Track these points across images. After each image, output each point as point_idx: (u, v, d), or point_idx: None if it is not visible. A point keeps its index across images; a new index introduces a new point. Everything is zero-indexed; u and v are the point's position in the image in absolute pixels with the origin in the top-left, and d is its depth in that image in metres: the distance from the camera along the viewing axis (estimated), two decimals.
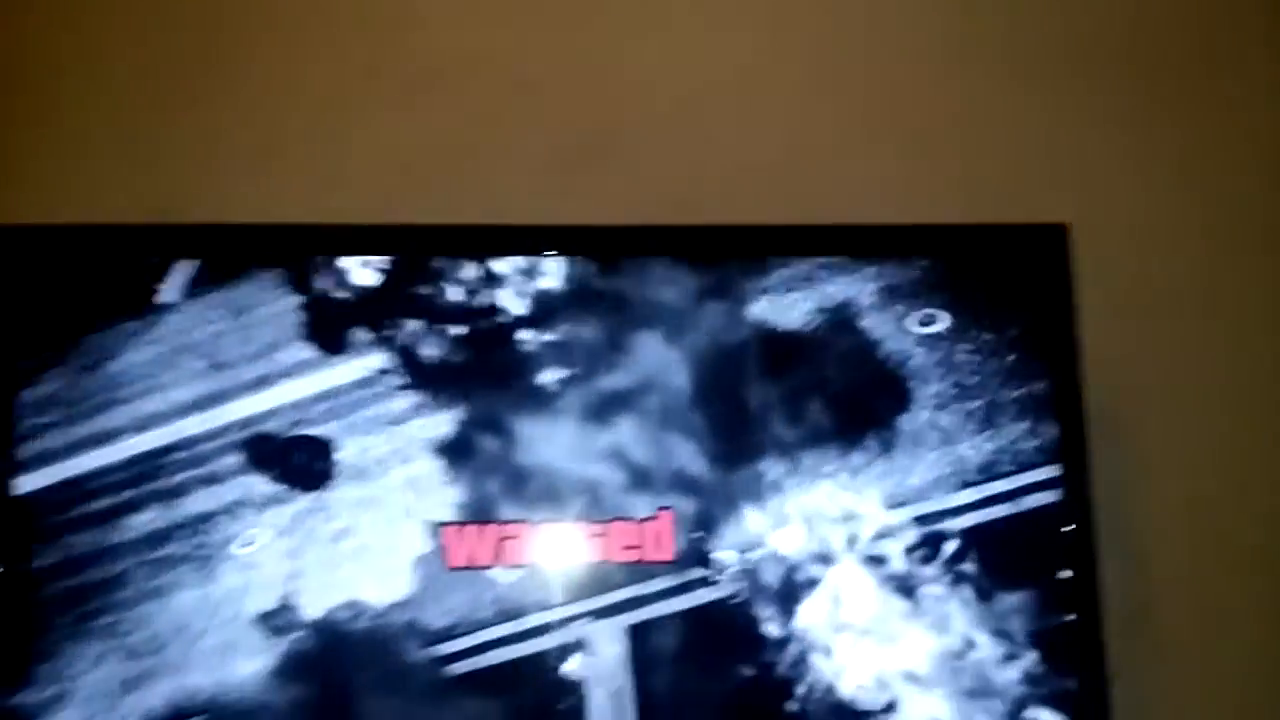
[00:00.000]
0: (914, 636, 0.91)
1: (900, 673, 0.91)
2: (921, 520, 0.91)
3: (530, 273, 0.92)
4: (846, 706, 0.90)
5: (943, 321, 0.93)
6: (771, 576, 0.90)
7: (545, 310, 0.91)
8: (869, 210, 0.99)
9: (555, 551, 0.90)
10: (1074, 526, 0.93)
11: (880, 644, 0.91)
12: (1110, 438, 1.02)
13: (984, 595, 0.91)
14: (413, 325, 0.91)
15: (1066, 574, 0.92)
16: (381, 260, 0.91)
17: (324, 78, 1.11)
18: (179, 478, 0.89)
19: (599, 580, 0.90)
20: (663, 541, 0.90)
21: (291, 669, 0.88)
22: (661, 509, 0.90)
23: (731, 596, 0.90)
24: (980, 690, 0.91)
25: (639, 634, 0.89)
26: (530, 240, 0.92)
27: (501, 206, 0.99)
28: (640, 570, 0.90)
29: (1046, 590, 0.92)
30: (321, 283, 0.91)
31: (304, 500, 0.89)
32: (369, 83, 1.11)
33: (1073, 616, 0.92)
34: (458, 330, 0.91)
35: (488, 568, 0.89)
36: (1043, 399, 0.94)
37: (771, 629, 0.90)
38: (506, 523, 0.89)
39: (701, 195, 1.07)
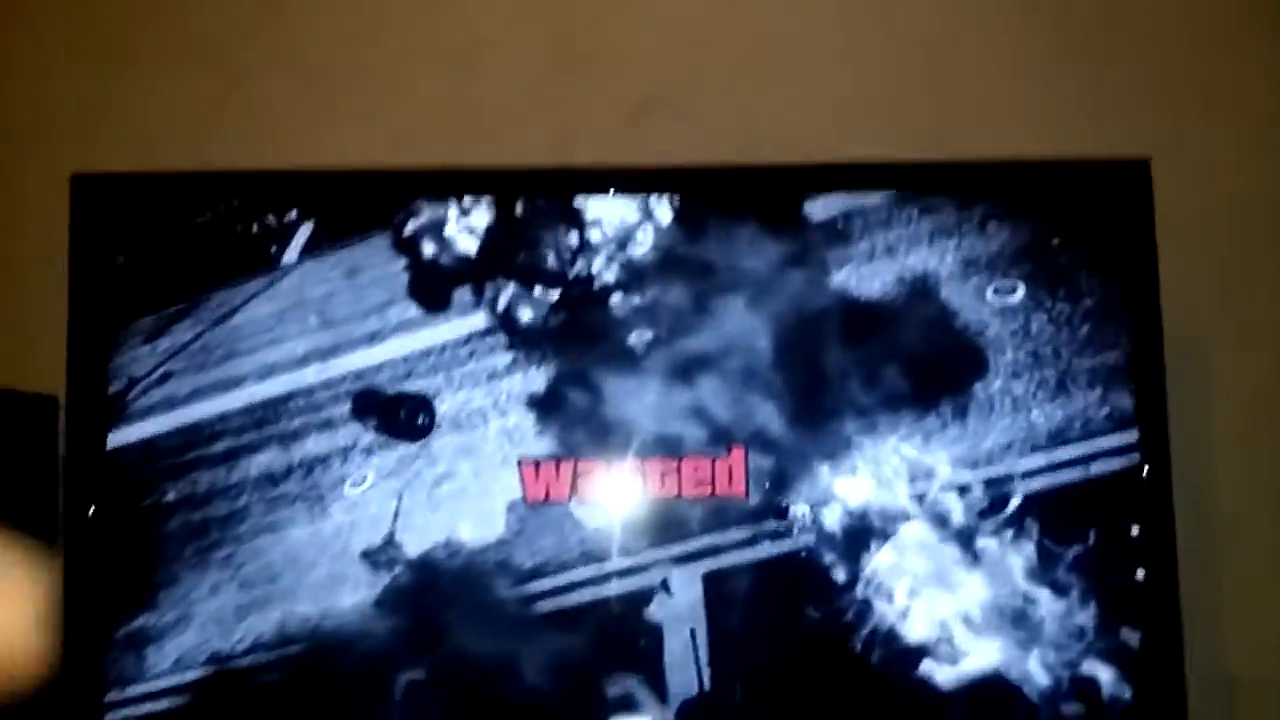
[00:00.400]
0: (978, 591, 0.95)
1: (965, 628, 0.95)
2: (992, 482, 0.96)
3: (623, 242, 0.98)
4: (908, 655, 0.95)
5: (1020, 291, 0.97)
6: (842, 531, 0.95)
7: (634, 276, 0.97)
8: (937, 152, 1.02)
9: (628, 487, 0.95)
10: (1147, 470, 0.95)
11: (945, 600, 0.95)
12: (1186, 382, 1.02)
13: (1051, 553, 0.95)
14: (511, 288, 0.98)
15: (1136, 530, 0.95)
16: (481, 225, 0.98)
17: (384, 32, 1.17)
18: (295, 423, 0.97)
19: (678, 528, 0.96)
20: (734, 478, 0.95)
21: (392, 601, 0.95)
22: (734, 446, 0.96)
23: (803, 548, 0.95)
24: (1040, 643, 0.95)
25: (714, 581, 0.95)
26: (638, 181, 0.98)
27: (568, 156, 1.05)
28: (717, 518, 0.95)
29: (1118, 548, 0.95)
30: (427, 246, 0.98)
31: (408, 447, 0.96)
32: (432, 37, 1.17)
33: (1141, 574, 0.95)
34: (552, 294, 0.98)
35: (564, 502, 0.95)
36: (1119, 366, 0.96)
37: (840, 580, 0.95)
38: (581, 459, 0.95)
39: (765, 140, 1.12)
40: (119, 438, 0.97)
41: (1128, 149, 0.98)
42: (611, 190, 0.98)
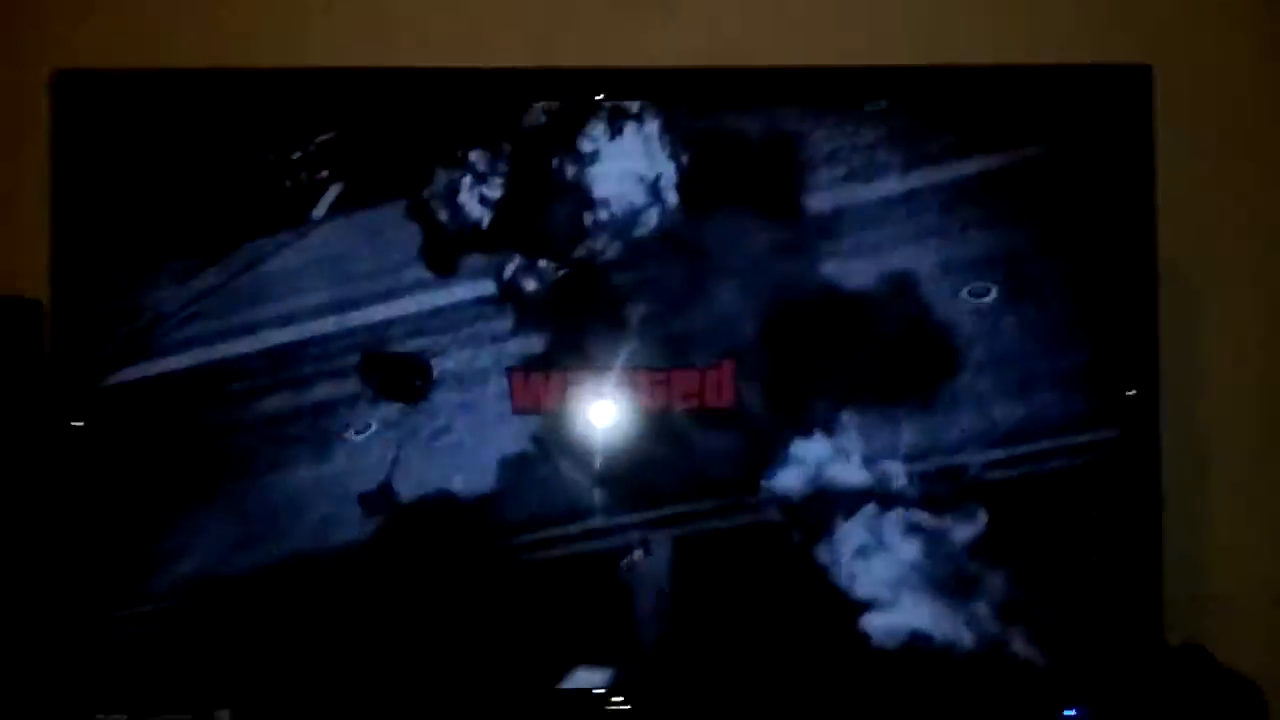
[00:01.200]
0: (932, 576, 1.01)
1: (912, 603, 1.00)
2: (953, 470, 1.01)
3: (627, 224, 1.03)
4: (853, 624, 1.00)
5: (994, 293, 1.01)
6: (807, 506, 1.00)
7: (635, 254, 1.02)
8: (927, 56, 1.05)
9: (616, 398, 1.00)
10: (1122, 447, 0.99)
11: (896, 574, 1.01)
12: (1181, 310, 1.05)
13: (1010, 542, 1.00)
14: (516, 259, 1.03)
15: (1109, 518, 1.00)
16: (494, 194, 1.03)
17: None
18: (306, 370, 1.02)
19: (657, 492, 1.01)
20: (722, 390, 1.00)
21: (382, 545, 1.01)
22: (724, 358, 1.00)
23: (770, 520, 1.00)
24: (979, 621, 1.00)
25: (685, 546, 1.00)
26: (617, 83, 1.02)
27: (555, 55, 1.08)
28: (693, 486, 1.01)
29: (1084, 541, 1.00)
30: (440, 214, 1.03)
31: (411, 399, 1.02)
32: None
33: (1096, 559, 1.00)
34: (555, 266, 1.03)
35: (551, 411, 1.00)
36: (1100, 362, 1.00)
37: (803, 552, 1.00)
38: (571, 369, 1.00)
39: (754, 40, 1.16)
40: (141, 370, 1.02)
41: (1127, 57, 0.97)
42: (602, 95, 1.02)
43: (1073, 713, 0.98)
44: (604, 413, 1.01)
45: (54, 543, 1.01)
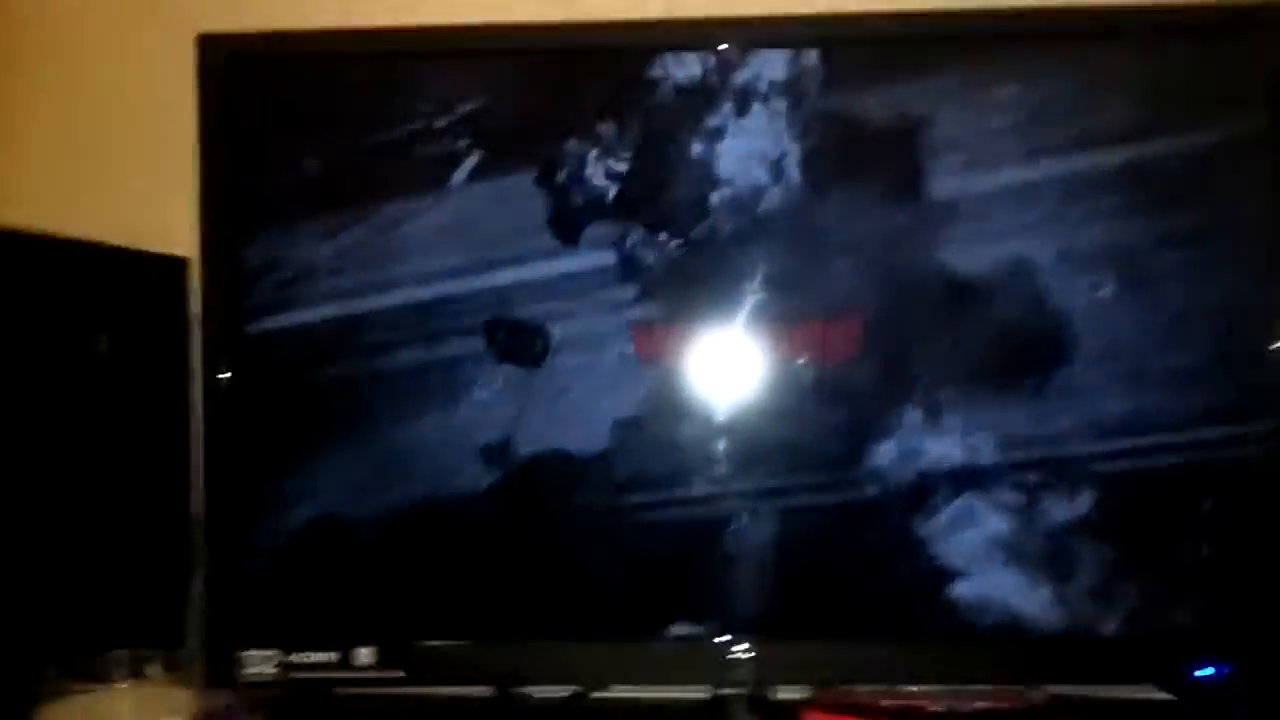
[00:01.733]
0: (1032, 563, 1.04)
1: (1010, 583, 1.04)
2: (1063, 460, 1.04)
3: (747, 199, 1.07)
4: (952, 600, 1.04)
5: (1110, 286, 1.04)
6: (913, 486, 1.04)
7: (757, 229, 1.06)
8: None
9: (740, 350, 1.05)
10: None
11: (999, 561, 1.04)
12: None
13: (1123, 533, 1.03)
14: (638, 231, 1.08)
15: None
16: (619, 167, 1.07)
17: None
18: (438, 327, 1.09)
19: (763, 461, 1.06)
20: (847, 342, 1.04)
21: (499, 494, 1.07)
22: (850, 310, 1.04)
23: (873, 497, 1.04)
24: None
25: (789, 516, 1.05)
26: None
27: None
28: (799, 459, 1.05)
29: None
30: (567, 183, 1.08)
31: (533, 361, 1.07)
32: None
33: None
34: (677, 240, 1.08)
35: (674, 361, 1.05)
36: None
37: (905, 530, 1.05)
38: (689, 322, 1.05)
39: None
40: (283, 320, 1.10)
41: None
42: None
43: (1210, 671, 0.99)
44: (716, 367, 1.06)
45: (204, 482, 1.10)
